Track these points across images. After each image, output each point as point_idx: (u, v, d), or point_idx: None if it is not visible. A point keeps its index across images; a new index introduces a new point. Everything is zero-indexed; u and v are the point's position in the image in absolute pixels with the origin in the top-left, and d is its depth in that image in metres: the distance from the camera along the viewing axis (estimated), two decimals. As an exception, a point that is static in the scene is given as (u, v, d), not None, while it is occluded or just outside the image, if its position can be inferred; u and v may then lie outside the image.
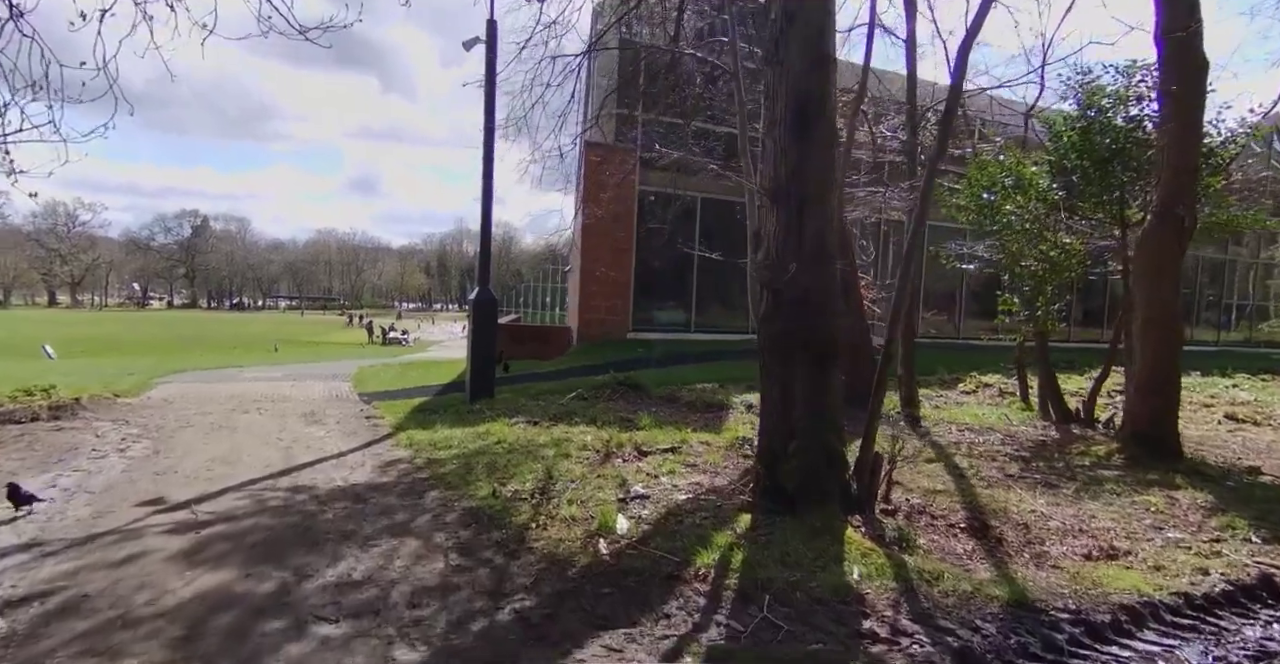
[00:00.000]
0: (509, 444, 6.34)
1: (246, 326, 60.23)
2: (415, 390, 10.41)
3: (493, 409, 8.08)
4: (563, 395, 9.01)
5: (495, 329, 9.04)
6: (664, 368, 11.48)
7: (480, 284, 8.94)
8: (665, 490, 4.94)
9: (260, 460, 6.03)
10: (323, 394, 10.19)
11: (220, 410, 8.41)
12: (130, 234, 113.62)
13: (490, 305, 8.90)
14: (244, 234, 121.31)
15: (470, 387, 8.82)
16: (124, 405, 8.49)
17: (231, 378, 12.07)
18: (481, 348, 8.82)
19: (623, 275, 14.15)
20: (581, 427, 7.06)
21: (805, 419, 4.35)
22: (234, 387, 10.70)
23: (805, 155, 4.40)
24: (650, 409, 8.16)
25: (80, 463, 5.75)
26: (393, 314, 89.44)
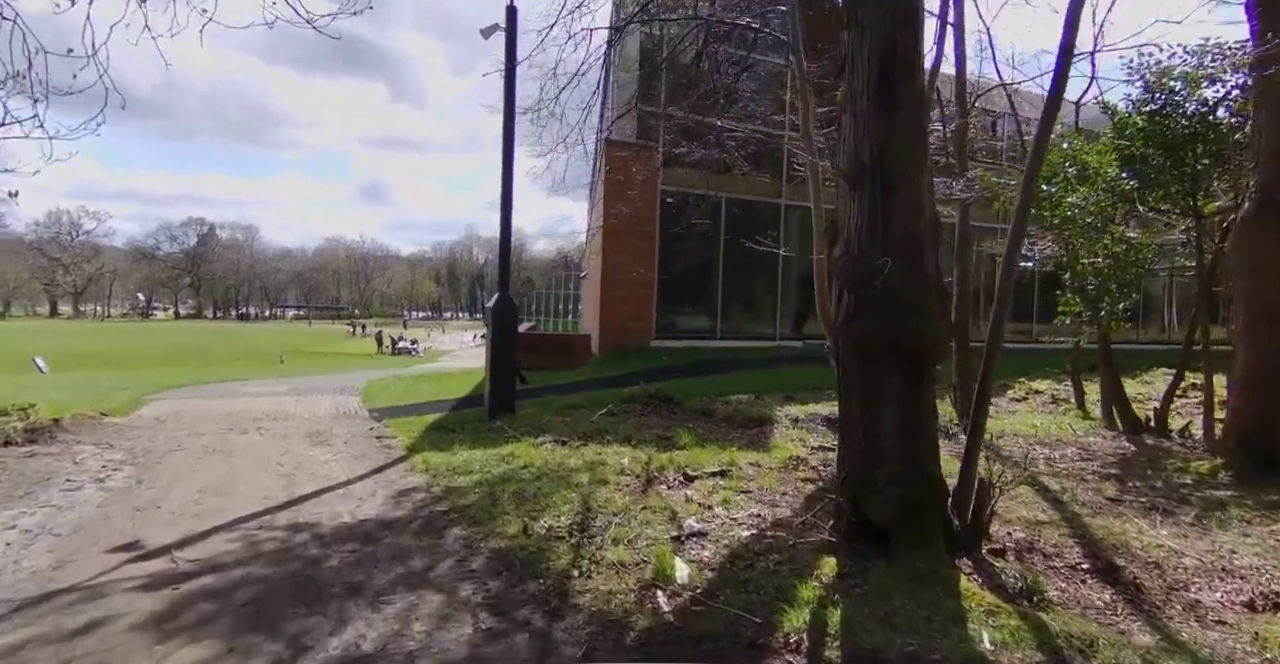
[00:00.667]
0: (537, 469, 5.63)
1: (252, 337, 59.80)
2: (429, 405, 9.73)
3: (515, 427, 7.38)
4: (589, 410, 8.31)
5: (515, 338, 8.35)
6: (692, 378, 10.77)
7: (499, 289, 8.26)
8: (724, 525, 4.23)
9: (257, 491, 5.34)
10: (329, 410, 9.51)
11: (216, 431, 7.74)
12: (135, 243, 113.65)
13: (510, 312, 8.21)
14: (251, 242, 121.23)
15: (489, 401, 8.12)
16: (110, 426, 7.83)
17: (232, 393, 11.41)
18: (501, 359, 8.13)
19: (645, 280, 13.48)
20: (615, 447, 6.35)
21: (898, 440, 3.62)
22: (234, 403, 10.04)
23: (891, 129, 3.69)
24: (686, 425, 7.45)
25: (50, 496, 5.07)
26: (400, 323, 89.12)
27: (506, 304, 8.20)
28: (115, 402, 9.39)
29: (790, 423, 7.48)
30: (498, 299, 8.21)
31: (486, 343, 8.34)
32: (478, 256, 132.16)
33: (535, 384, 11.40)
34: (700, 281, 14.43)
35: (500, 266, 8.33)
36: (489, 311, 8.27)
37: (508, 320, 8.22)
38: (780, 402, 8.92)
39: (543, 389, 10.66)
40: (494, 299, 8.26)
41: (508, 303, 8.22)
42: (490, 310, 8.18)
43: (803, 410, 8.07)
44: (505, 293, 8.26)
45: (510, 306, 8.23)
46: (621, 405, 8.32)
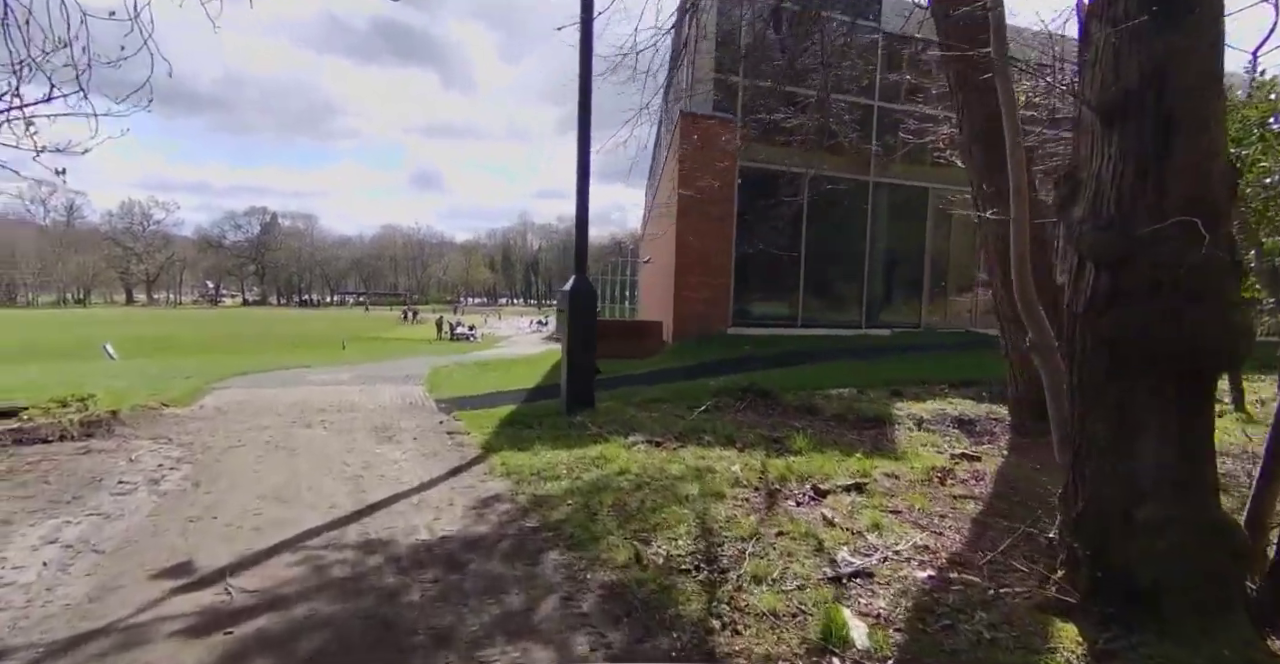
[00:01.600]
0: (634, 476, 4.89)
1: (315, 323, 61.01)
2: (498, 396, 9.11)
3: (597, 423, 6.66)
4: (675, 404, 7.54)
5: (595, 325, 7.61)
6: (780, 368, 9.91)
7: (576, 270, 7.53)
8: (887, 560, 3.39)
9: (323, 497, 4.73)
10: (395, 401, 8.97)
11: (279, 424, 7.23)
12: (202, 232, 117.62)
13: (589, 297, 7.48)
14: (311, 230, 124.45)
15: (567, 394, 7.42)
16: (170, 418, 7.39)
17: (295, 381, 11.01)
18: (579, 348, 7.41)
19: (723, 264, 12.62)
20: (718, 450, 5.56)
21: (1167, 473, 2.68)
22: (297, 392, 9.60)
23: (1172, 44, 2.67)
24: (790, 423, 6.62)
25: (99, 502, 4.54)
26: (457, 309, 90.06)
27: (585, 287, 7.47)
28: (177, 391, 9.03)
29: (913, 424, 6.56)
30: (574, 281, 7.48)
31: (561, 330, 7.64)
32: (531, 243, 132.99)
33: (608, 374, 10.68)
34: (781, 265, 13.50)
35: (577, 246, 7.59)
36: (564, 295, 7.55)
37: (586, 305, 7.48)
38: (887, 397, 7.98)
39: (617, 380, 9.93)
40: (570, 281, 7.53)
41: (586, 286, 7.49)
42: (566, 294, 7.45)
43: (921, 408, 7.14)
44: (583, 274, 7.53)
45: (589, 290, 7.50)
46: (712, 400, 7.53)
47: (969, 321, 15.11)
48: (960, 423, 6.35)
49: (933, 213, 14.44)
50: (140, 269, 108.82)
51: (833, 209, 13.63)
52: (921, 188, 14.13)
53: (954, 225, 14.77)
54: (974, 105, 6.15)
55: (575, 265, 7.60)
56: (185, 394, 8.83)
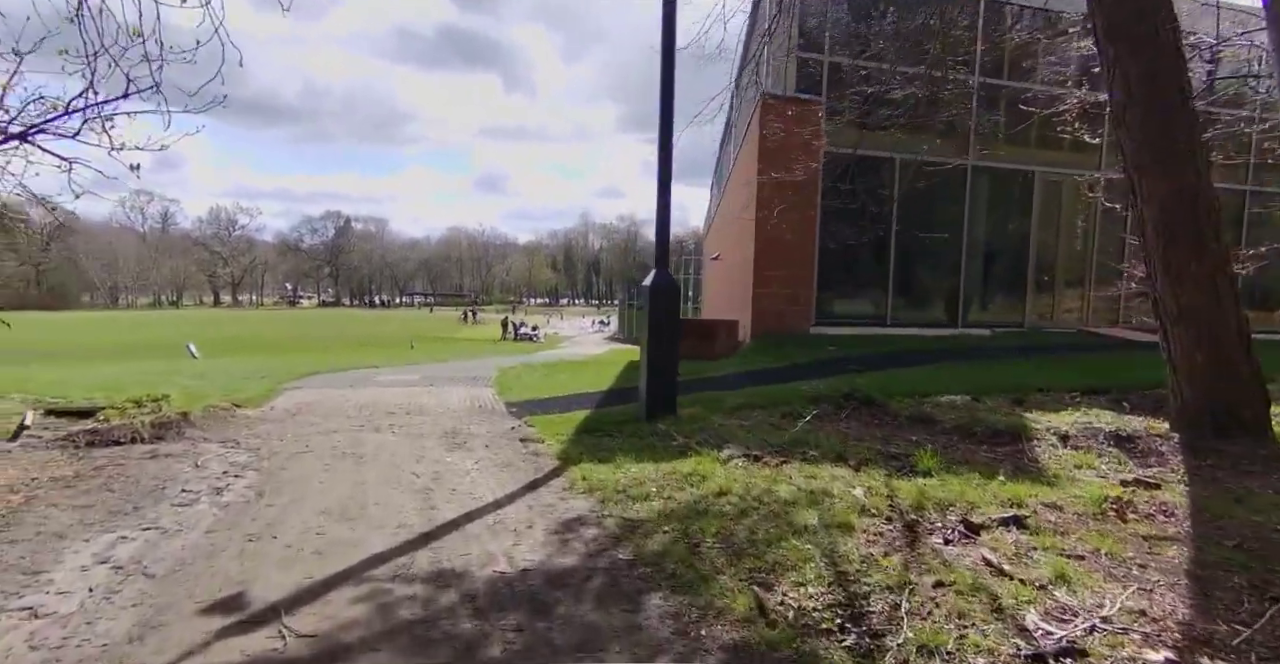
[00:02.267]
0: (737, 498, 4.24)
1: (384, 324, 62.40)
2: (570, 399, 8.59)
3: (683, 432, 6.05)
4: (766, 411, 6.86)
5: (679, 324, 7.00)
6: (877, 371, 9.08)
7: (657, 263, 6.92)
8: (1099, 632, 2.64)
9: (390, 514, 4.25)
10: (464, 403, 8.55)
11: (348, 427, 6.86)
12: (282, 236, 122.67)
13: (671, 292, 6.86)
14: (382, 233, 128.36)
15: (646, 399, 6.83)
16: (241, 420, 7.12)
17: (365, 381, 10.77)
18: (661, 349, 6.81)
19: (805, 258, 11.81)
20: (829, 467, 4.86)
21: None
22: (367, 393, 9.30)
23: None
24: (905, 436, 5.85)
25: (159, 514, 4.16)
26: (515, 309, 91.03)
27: (666, 282, 6.86)
28: (250, 391, 8.83)
29: (1055, 439, 5.67)
30: (655, 276, 6.87)
31: (642, 329, 7.04)
32: (593, 242, 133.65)
33: (683, 376, 10.06)
34: (868, 258, 12.57)
35: (658, 237, 6.98)
36: (645, 291, 6.95)
37: (668, 302, 6.87)
38: (1009, 406, 7.09)
39: (694, 383, 9.28)
40: (650, 275, 6.93)
41: (668, 280, 6.87)
42: (647, 289, 6.85)
43: (1058, 420, 6.23)
44: (664, 268, 6.91)
45: (671, 285, 6.88)
46: (810, 408, 6.81)
47: (1081, 321, 13.81)
48: (1116, 440, 5.44)
49: (1039, 198, 13.23)
50: (226, 272, 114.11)
51: (925, 196, 12.60)
52: (1025, 171, 12.96)
53: (1063, 212, 13.54)
54: (1128, 60, 5.26)
55: (656, 258, 7.00)
56: (258, 395, 8.62)
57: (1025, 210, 13.26)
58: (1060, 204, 13.56)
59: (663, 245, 6.98)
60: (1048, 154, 12.96)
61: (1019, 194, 13.21)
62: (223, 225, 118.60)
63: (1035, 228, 13.29)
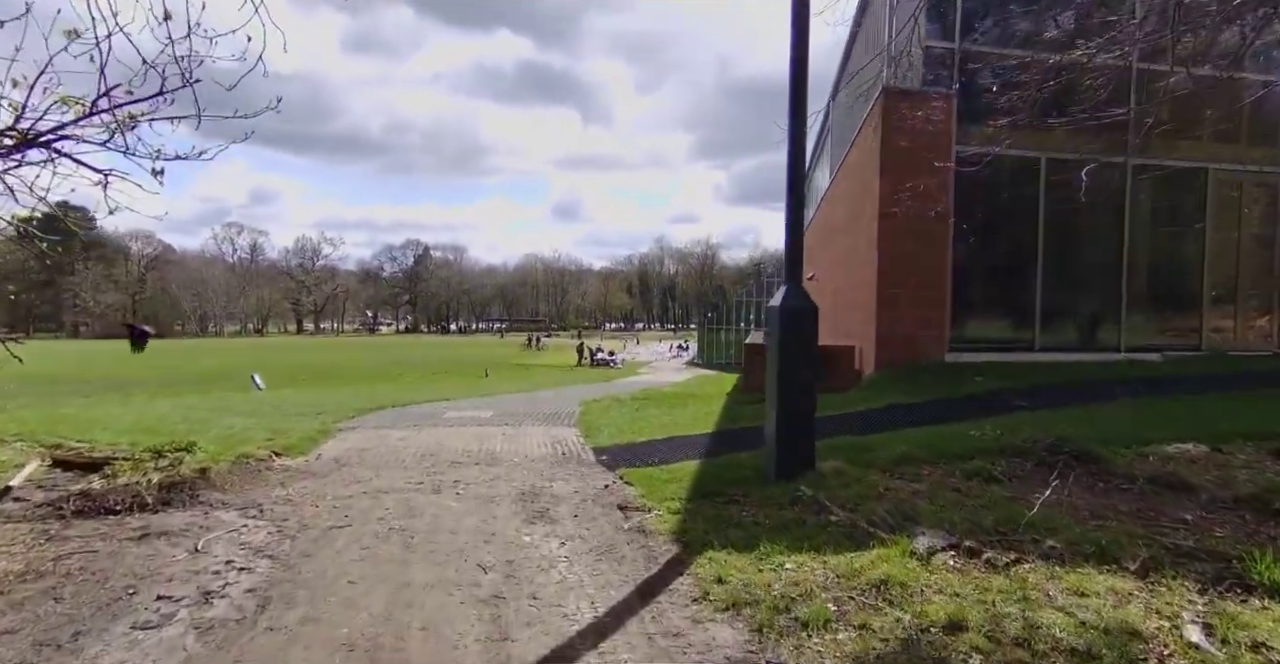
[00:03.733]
0: (983, 640, 2.64)
1: (459, 349, 62.61)
2: (669, 445, 7.09)
3: (835, 497, 4.46)
4: (939, 468, 5.17)
5: (816, 355, 5.43)
6: (1051, 409, 7.21)
7: (788, 278, 5.40)
8: None
9: (443, 647, 2.82)
10: (544, 449, 7.17)
11: (402, 486, 5.54)
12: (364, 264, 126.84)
13: (809, 315, 5.31)
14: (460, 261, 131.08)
15: (778, 450, 5.25)
16: (278, 472, 5.90)
17: (432, 418, 9.56)
18: (796, 386, 5.26)
19: (938, 274, 9.99)
20: (1097, 574, 3.20)
21: None
22: (431, 435, 8.04)
23: None
24: (1167, 511, 4.07)
25: (104, 647, 2.84)
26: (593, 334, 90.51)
27: (802, 304, 5.31)
28: (300, 433, 7.69)
29: None
30: (786, 294, 5.34)
31: (770, 359, 5.50)
32: (669, 267, 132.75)
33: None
34: (1010, 274, 10.59)
35: (788, 244, 5.44)
36: (772, 314, 5.42)
37: (805, 326, 5.31)
38: (1270, 460, 5.19)
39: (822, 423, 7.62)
40: (779, 294, 5.41)
41: (804, 301, 5.32)
42: (776, 311, 5.32)
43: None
44: (798, 285, 5.37)
45: (809, 307, 5.32)
46: (996, 461, 5.09)
47: (1272, 341, 11.39)
48: None
49: (1214, 200, 11.01)
50: (309, 300, 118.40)
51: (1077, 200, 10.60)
52: (1196, 169, 10.82)
53: (1243, 215, 11.29)
54: None
55: (785, 272, 5.47)
56: (306, 438, 7.45)
57: (1197, 214, 11.06)
58: (1240, 206, 11.31)
59: (795, 254, 5.44)
60: (1222, 148, 10.81)
61: (1189, 195, 11.04)
62: (307, 255, 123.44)
63: (1210, 234, 11.04)
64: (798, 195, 5.41)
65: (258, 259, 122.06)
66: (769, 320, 5.57)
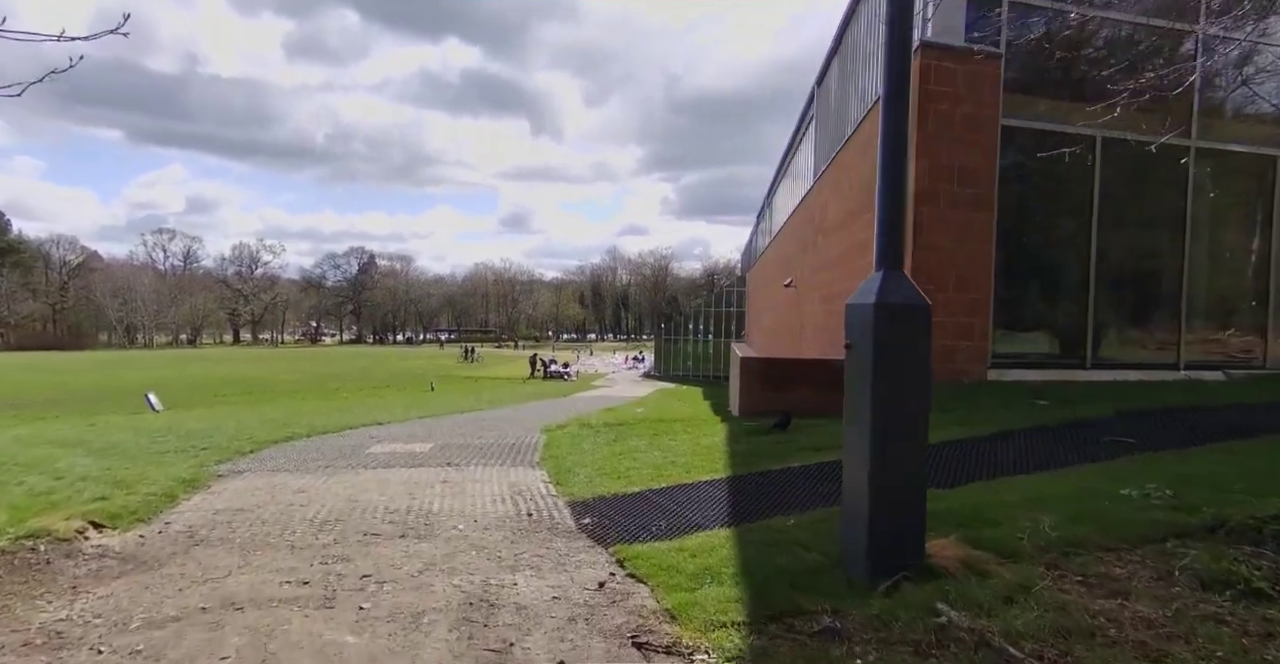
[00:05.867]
0: None
1: (404, 362, 59.36)
2: (672, 497, 5.15)
3: (995, 622, 2.55)
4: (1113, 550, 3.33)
5: (929, 378, 3.55)
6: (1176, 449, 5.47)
7: (882, 263, 3.56)
8: None
9: None
10: (501, 506, 5.14)
11: (276, 591, 3.46)
12: (305, 272, 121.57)
13: (919, 320, 3.46)
14: (407, 270, 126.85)
15: (871, 531, 3.36)
16: (84, 561, 3.75)
17: (353, 454, 7.42)
18: (900, 431, 3.40)
19: (980, 274, 8.25)
20: None
21: None
22: (345, 484, 5.93)
23: None
24: None
25: None
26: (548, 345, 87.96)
27: (909, 296, 3.47)
28: (152, 485, 5.51)
29: None
30: (884, 284, 3.49)
31: (851, 385, 3.61)
32: (621, 277, 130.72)
33: (826, 447, 6.63)
34: (1059, 275, 8.90)
35: (884, 211, 3.57)
36: (858, 314, 3.57)
37: (913, 334, 3.47)
38: None
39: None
40: (874, 283, 3.53)
41: (912, 294, 3.48)
42: (867, 310, 3.45)
43: None
44: (898, 272, 3.52)
45: (919, 303, 3.47)
46: (1223, 550, 3.27)
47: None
48: None
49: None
50: (247, 310, 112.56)
51: (1135, 189, 9.13)
52: (1264, 157, 9.38)
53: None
54: None
55: (878, 255, 3.60)
56: (160, 493, 5.27)
57: (1263, 205, 9.66)
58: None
59: (894, 224, 3.59)
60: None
61: (1254, 183, 9.64)
62: (245, 263, 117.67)
63: (1278, 233, 9.57)
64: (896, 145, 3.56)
65: (191, 267, 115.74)
66: (850, 324, 3.68)
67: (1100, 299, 8.87)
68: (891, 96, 3.60)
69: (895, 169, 3.60)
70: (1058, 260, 9.08)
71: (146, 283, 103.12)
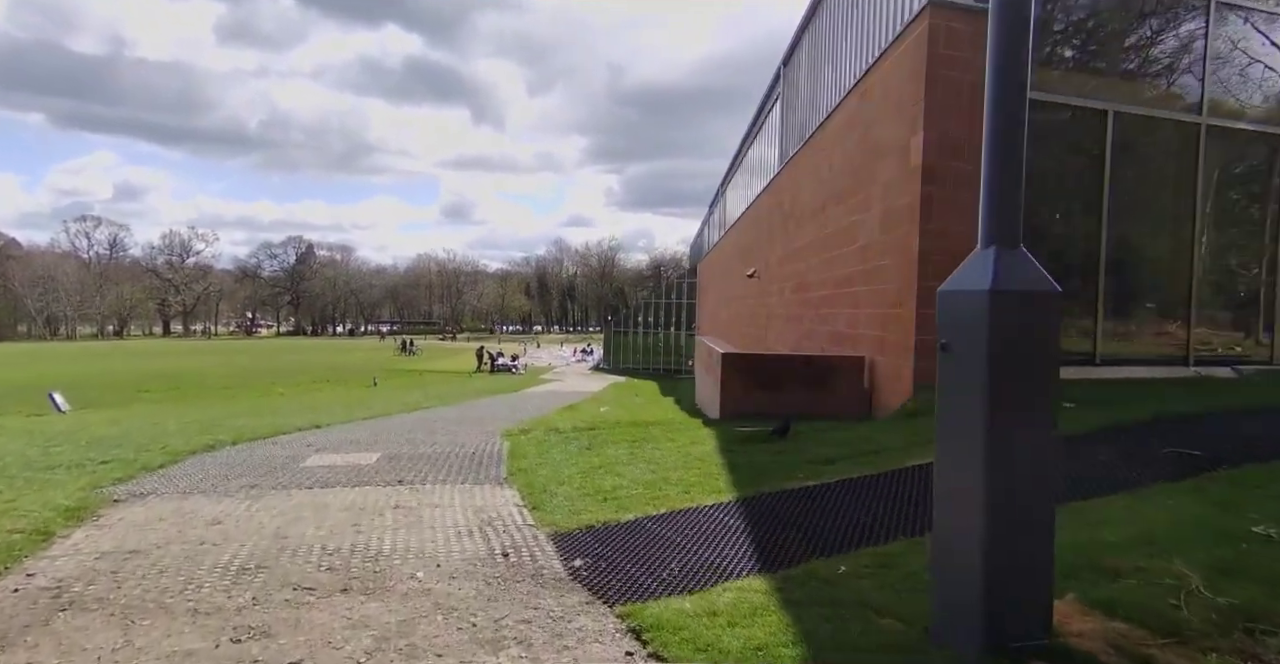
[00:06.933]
0: None
1: (345, 354, 56.97)
2: (675, 528, 4.25)
3: None
4: None
5: (1054, 378, 2.70)
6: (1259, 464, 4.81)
7: (991, 239, 2.68)
8: None
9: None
10: (467, 544, 4.16)
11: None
12: (240, 262, 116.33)
13: (1048, 309, 2.64)
14: (347, 261, 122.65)
15: (986, 595, 2.50)
16: None
17: (286, 467, 6.31)
18: (1022, 458, 2.55)
19: (986, 260, 7.62)
20: None
21: None
22: (273, 511, 4.85)
23: None
24: None
25: None
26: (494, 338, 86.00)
27: (1033, 279, 2.63)
28: (21, 518, 4.33)
29: None
30: (998, 266, 2.64)
31: (948, 395, 2.77)
32: (568, 268, 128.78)
33: (837, 461, 5.86)
34: (1065, 262, 8.24)
35: (992, 181, 2.71)
36: (962, 302, 2.74)
37: (1040, 327, 2.65)
38: None
39: (859, 485, 5.03)
40: (987, 261, 2.67)
41: (1036, 276, 2.64)
42: (981, 298, 2.62)
43: None
44: (1014, 250, 2.67)
45: (1046, 289, 2.64)
46: None
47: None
48: None
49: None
50: (177, 300, 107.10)
51: (1148, 171, 8.58)
52: (1271, 135, 8.92)
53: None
54: None
55: (986, 231, 2.74)
56: (30, 531, 4.13)
57: (1268, 191, 9.24)
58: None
59: (1006, 194, 2.73)
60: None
61: (1262, 167, 9.22)
62: (176, 251, 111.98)
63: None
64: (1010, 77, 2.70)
65: (118, 255, 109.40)
66: (946, 319, 2.82)
67: (1110, 289, 8.29)
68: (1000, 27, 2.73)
69: (1007, 116, 2.75)
70: (1065, 245, 8.47)
71: (69, 272, 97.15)
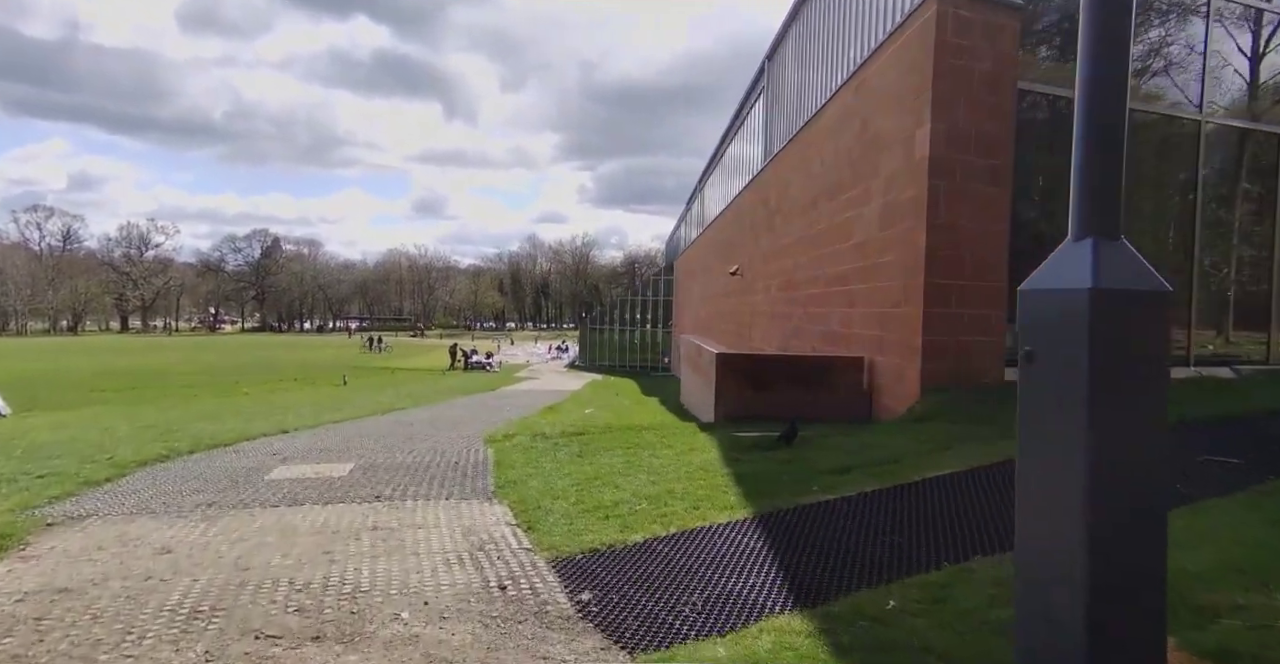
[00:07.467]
0: None
1: (313, 351, 55.63)
2: (689, 554, 3.83)
3: None
4: None
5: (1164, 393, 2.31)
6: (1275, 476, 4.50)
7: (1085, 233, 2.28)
8: None
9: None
10: (458, 575, 3.69)
11: None
12: (203, 256, 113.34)
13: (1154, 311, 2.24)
14: (315, 255, 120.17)
15: (1091, 646, 2.09)
16: None
17: (247, 480, 5.76)
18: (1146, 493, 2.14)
19: (996, 257, 7.17)
20: None
21: None
22: (230, 535, 4.32)
23: None
24: None
25: None
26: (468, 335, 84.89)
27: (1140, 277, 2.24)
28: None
29: None
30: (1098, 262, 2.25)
31: (1029, 413, 2.36)
32: (542, 265, 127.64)
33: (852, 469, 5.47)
34: None
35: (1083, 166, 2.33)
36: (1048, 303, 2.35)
37: (1147, 332, 2.24)
38: None
39: (873, 500, 4.65)
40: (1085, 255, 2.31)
41: (1143, 273, 2.25)
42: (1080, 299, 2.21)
43: None
44: (1115, 242, 2.28)
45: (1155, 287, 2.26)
46: None
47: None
48: None
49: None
50: (136, 295, 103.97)
51: (1150, 166, 8.37)
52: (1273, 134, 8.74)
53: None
54: None
55: (1079, 221, 2.35)
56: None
57: (1272, 190, 9.08)
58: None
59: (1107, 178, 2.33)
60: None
61: (1266, 167, 9.05)
62: (134, 244, 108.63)
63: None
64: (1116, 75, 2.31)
65: (72, 247, 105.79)
66: (1031, 322, 2.43)
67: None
68: None
69: (1105, 98, 2.36)
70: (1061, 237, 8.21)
71: (19, 264, 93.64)
